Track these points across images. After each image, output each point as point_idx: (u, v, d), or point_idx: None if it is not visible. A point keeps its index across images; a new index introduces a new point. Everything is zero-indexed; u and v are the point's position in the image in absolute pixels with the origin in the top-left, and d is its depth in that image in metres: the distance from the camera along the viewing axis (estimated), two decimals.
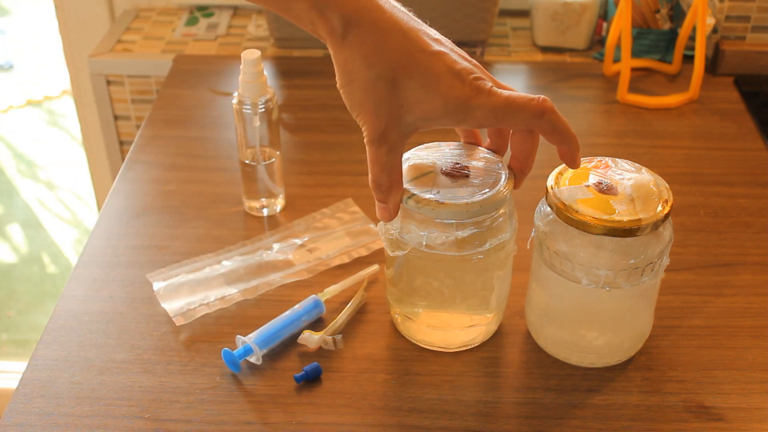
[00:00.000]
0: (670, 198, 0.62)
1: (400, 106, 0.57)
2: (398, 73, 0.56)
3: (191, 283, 0.77)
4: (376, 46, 0.56)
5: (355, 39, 0.56)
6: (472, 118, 0.57)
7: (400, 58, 0.56)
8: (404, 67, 0.56)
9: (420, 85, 0.56)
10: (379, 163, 0.59)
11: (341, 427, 0.64)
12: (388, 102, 0.57)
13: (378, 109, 0.57)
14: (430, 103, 0.56)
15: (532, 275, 0.70)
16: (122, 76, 1.23)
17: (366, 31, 0.55)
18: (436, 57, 0.56)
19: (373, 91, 0.56)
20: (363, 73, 0.56)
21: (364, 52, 0.56)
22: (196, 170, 0.95)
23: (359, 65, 0.56)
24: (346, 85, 0.57)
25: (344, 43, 0.56)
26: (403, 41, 0.56)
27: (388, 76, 0.56)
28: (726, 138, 1.00)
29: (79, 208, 2.30)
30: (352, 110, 0.59)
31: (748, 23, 1.13)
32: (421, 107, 0.57)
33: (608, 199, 0.61)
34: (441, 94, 0.56)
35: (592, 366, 0.69)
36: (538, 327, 0.70)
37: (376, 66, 0.56)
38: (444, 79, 0.56)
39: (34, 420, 0.65)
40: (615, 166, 0.64)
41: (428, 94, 0.56)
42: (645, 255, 0.62)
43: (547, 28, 1.17)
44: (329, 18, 0.55)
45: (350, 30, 0.55)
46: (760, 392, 0.67)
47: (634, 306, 0.66)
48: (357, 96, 0.57)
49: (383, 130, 0.57)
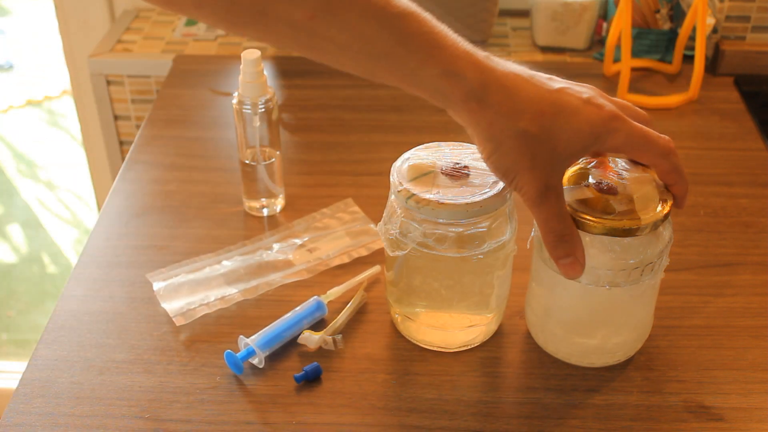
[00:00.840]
0: (669, 198, 0.62)
1: (552, 149, 0.56)
2: (541, 120, 0.55)
3: (191, 283, 0.77)
4: (514, 101, 0.55)
5: (493, 99, 0.54)
6: (612, 140, 0.57)
7: (538, 106, 0.55)
8: (544, 112, 0.55)
9: (564, 122, 0.55)
10: (556, 214, 0.58)
11: (341, 427, 0.64)
12: (542, 151, 0.55)
13: (534, 161, 0.56)
14: (579, 135, 0.56)
15: (532, 275, 0.70)
16: (122, 76, 1.23)
17: (499, 89, 0.54)
18: (563, 93, 0.56)
19: (526, 146, 0.55)
20: (510, 131, 0.55)
21: (505, 110, 0.55)
22: (196, 170, 0.95)
23: (504, 125, 0.55)
24: (496, 151, 0.56)
25: (483, 107, 0.55)
26: (532, 89, 0.55)
27: (534, 126, 0.55)
28: (726, 138, 1.00)
29: (79, 208, 2.30)
30: (507, 175, 0.57)
31: (748, 23, 1.13)
32: (572, 143, 0.56)
33: (608, 199, 0.61)
34: (587, 123, 0.56)
35: (592, 366, 0.69)
36: (538, 327, 0.70)
37: (521, 120, 0.55)
38: (582, 109, 0.56)
39: (34, 420, 0.65)
40: (615, 166, 0.64)
41: (575, 127, 0.56)
42: (645, 255, 0.62)
43: (547, 28, 1.17)
44: (463, 84, 0.54)
45: (487, 92, 0.54)
46: (760, 392, 0.67)
47: (634, 306, 0.66)
48: (511, 157, 0.56)
49: (546, 181, 0.56)
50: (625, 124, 0.57)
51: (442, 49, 0.54)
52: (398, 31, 0.53)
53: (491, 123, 0.55)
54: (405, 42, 0.53)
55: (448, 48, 0.54)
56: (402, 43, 0.53)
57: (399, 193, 0.63)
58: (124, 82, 1.24)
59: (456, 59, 0.54)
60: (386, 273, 0.71)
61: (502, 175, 0.58)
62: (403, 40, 0.53)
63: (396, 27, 0.53)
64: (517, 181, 0.57)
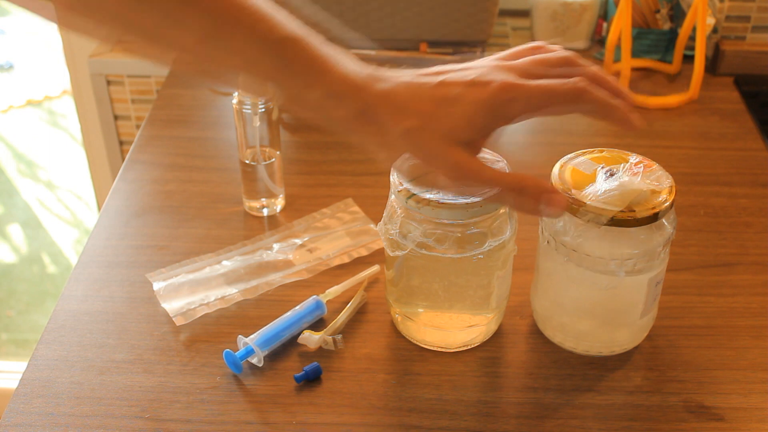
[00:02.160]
0: (673, 189, 0.62)
1: (445, 134, 0.56)
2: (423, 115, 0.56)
3: (191, 283, 0.77)
4: (393, 109, 0.56)
5: (374, 114, 0.56)
6: (512, 109, 0.56)
7: (417, 105, 0.56)
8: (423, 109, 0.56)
9: (446, 111, 0.56)
10: (491, 178, 0.56)
11: (341, 427, 0.64)
12: (433, 139, 0.56)
13: (431, 151, 0.56)
14: (466, 118, 0.56)
15: (538, 266, 0.70)
16: (122, 76, 1.23)
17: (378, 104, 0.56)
18: (444, 85, 0.56)
19: (416, 141, 0.56)
20: (397, 134, 0.56)
21: (386, 119, 0.56)
22: (196, 170, 0.95)
23: (389, 132, 0.56)
24: (392, 156, 0.58)
25: (365, 123, 0.56)
26: (411, 93, 0.56)
27: (417, 122, 0.55)
28: (726, 138, 1.00)
29: (79, 208, 2.30)
30: (429, 162, 0.57)
31: (748, 23, 1.13)
32: (462, 126, 0.56)
33: (615, 190, 0.61)
34: (473, 104, 0.55)
35: (600, 355, 0.69)
36: (545, 318, 0.71)
37: (403, 121, 0.55)
38: (465, 94, 0.56)
39: (34, 420, 0.65)
40: (630, 159, 0.65)
41: (459, 112, 0.55)
42: (649, 245, 0.62)
43: (547, 28, 1.17)
44: (344, 105, 0.56)
45: (366, 109, 0.56)
46: (760, 392, 0.67)
47: (639, 295, 0.66)
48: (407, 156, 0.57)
49: (454, 162, 0.56)
50: (519, 90, 0.56)
51: (324, 73, 0.55)
52: (281, 56, 0.55)
53: (377, 134, 0.57)
54: (288, 66, 0.55)
55: (328, 72, 0.56)
56: (285, 67, 0.55)
57: (399, 193, 0.63)
58: (124, 82, 1.24)
59: (336, 82, 0.56)
60: (386, 273, 0.71)
61: (411, 176, 0.59)
62: (286, 64, 0.55)
63: (279, 52, 0.55)
64: (426, 178, 0.58)
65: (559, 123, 1.03)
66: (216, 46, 0.54)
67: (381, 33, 1.16)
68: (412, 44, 1.18)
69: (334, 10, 1.14)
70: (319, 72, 0.55)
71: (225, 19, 0.53)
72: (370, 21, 1.15)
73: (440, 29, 1.16)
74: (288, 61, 0.55)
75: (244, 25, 0.54)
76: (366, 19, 1.15)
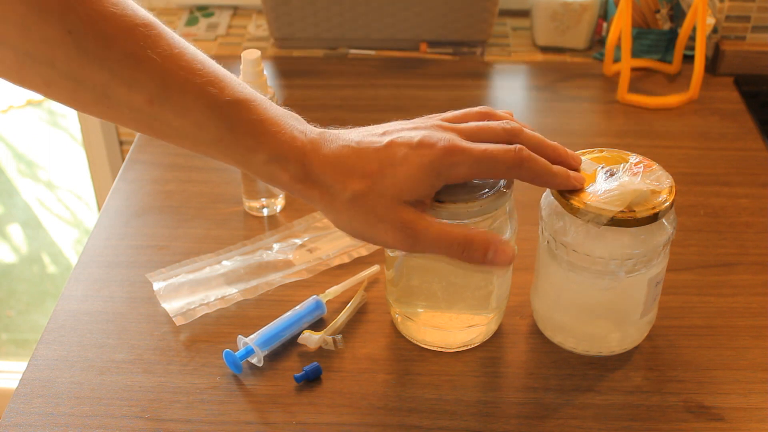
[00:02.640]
0: (673, 189, 0.62)
1: (391, 198, 0.56)
2: (369, 179, 0.56)
3: (191, 283, 0.77)
4: (338, 173, 0.57)
5: (318, 177, 0.57)
6: (455, 172, 0.57)
7: (363, 168, 0.56)
8: (369, 172, 0.56)
9: (392, 173, 0.56)
10: (437, 236, 0.57)
11: (341, 427, 0.64)
12: (380, 204, 0.56)
13: (376, 215, 0.57)
14: (412, 180, 0.56)
15: (538, 267, 0.70)
16: None
17: (322, 168, 0.57)
18: (390, 147, 0.57)
19: (362, 206, 0.57)
20: (343, 199, 0.57)
21: (331, 183, 0.57)
22: (196, 170, 0.95)
23: (335, 196, 0.57)
24: (339, 219, 0.58)
25: (310, 186, 0.57)
26: (357, 156, 0.57)
27: (362, 185, 0.56)
28: (726, 138, 1.00)
29: (79, 208, 2.30)
30: (362, 237, 0.58)
31: (748, 23, 1.13)
32: (408, 188, 0.56)
33: (614, 190, 0.61)
34: (418, 167, 0.56)
35: (600, 355, 0.69)
36: (545, 318, 0.71)
37: (349, 186, 0.56)
38: (411, 156, 0.56)
39: (34, 420, 0.65)
40: (630, 159, 0.65)
41: (405, 174, 0.56)
42: (650, 245, 0.62)
43: (547, 28, 1.17)
44: (288, 168, 0.56)
45: (310, 173, 0.57)
46: (760, 392, 0.67)
47: (639, 295, 0.66)
48: (356, 220, 0.57)
49: (402, 222, 0.56)
50: (464, 155, 0.57)
51: (268, 136, 0.56)
52: (228, 119, 0.55)
53: (323, 197, 0.57)
54: (233, 129, 0.56)
55: (273, 135, 0.56)
56: (231, 130, 0.56)
57: None
58: None
59: (280, 145, 0.56)
60: (386, 273, 0.71)
61: (358, 238, 0.59)
62: (231, 127, 0.56)
63: (226, 114, 0.55)
64: (372, 238, 0.58)
65: (559, 123, 1.03)
66: (165, 107, 0.54)
67: (381, 33, 1.16)
68: (412, 44, 1.18)
69: (334, 10, 1.14)
70: (265, 134, 0.56)
71: (174, 81, 0.54)
72: (370, 21, 1.15)
73: (440, 29, 1.16)
74: (234, 124, 0.56)
75: (193, 87, 0.54)
76: (366, 19, 1.15)
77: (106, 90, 0.53)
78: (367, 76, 1.12)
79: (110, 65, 0.52)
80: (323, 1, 1.14)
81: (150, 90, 0.54)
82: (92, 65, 0.52)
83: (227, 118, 0.55)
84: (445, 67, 1.15)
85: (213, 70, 0.56)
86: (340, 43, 1.19)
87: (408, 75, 1.13)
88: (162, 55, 0.53)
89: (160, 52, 0.53)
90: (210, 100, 0.55)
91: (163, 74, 0.54)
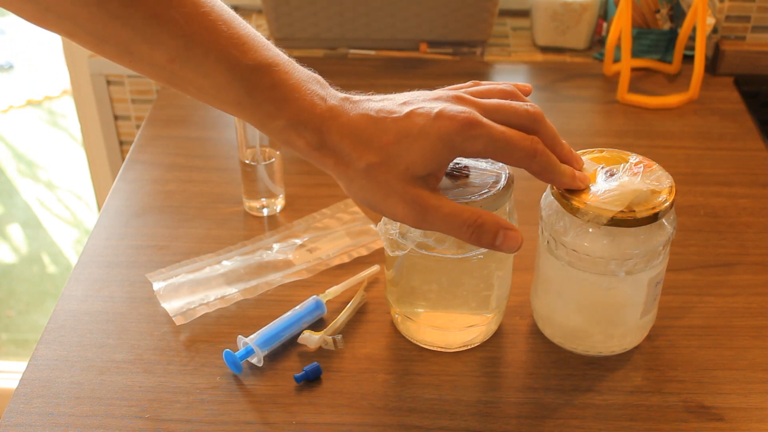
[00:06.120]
0: (673, 189, 0.62)
1: (403, 171, 0.56)
2: (385, 150, 0.56)
3: (191, 283, 0.77)
4: (356, 142, 0.56)
5: (334, 145, 0.56)
6: (471, 146, 0.56)
7: (380, 139, 0.56)
8: (386, 143, 0.56)
9: (409, 145, 0.56)
10: (447, 215, 0.56)
11: (341, 427, 0.64)
12: (393, 177, 0.56)
13: (389, 188, 0.56)
14: (427, 152, 0.56)
15: (538, 267, 0.70)
16: (122, 76, 1.23)
17: (340, 135, 0.56)
18: (409, 117, 0.56)
19: (376, 177, 0.56)
20: (357, 168, 0.56)
21: (348, 152, 0.56)
22: (196, 170, 0.95)
23: (350, 164, 0.56)
24: (350, 187, 0.57)
25: (326, 153, 0.57)
26: (375, 125, 0.56)
27: (377, 157, 0.56)
28: (726, 138, 1.00)
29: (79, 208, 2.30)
30: (371, 206, 0.58)
31: (748, 23, 1.13)
32: (422, 161, 0.56)
33: (612, 189, 0.61)
34: (437, 138, 0.55)
35: (600, 355, 0.69)
36: (545, 318, 0.71)
37: (364, 156, 0.56)
38: (430, 127, 0.56)
39: (34, 420, 0.65)
40: (631, 159, 0.65)
41: (420, 146, 0.56)
42: (649, 245, 0.62)
43: (547, 28, 1.17)
44: (305, 135, 0.56)
45: (327, 140, 0.56)
46: (760, 392, 0.67)
47: (639, 295, 0.66)
48: (366, 190, 0.57)
49: (412, 198, 0.56)
50: (484, 130, 0.56)
51: (288, 102, 0.56)
52: (248, 84, 0.55)
53: (338, 165, 0.57)
54: (253, 94, 0.56)
55: (293, 101, 0.56)
56: (250, 95, 0.56)
57: None
58: (124, 82, 1.24)
59: (299, 112, 0.56)
60: (386, 273, 0.71)
61: (367, 207, 0.59)
62: (251, 92, 0.56)
63: (247, 79, 0.55)
64: (382, 209, 0.58)
65: (559, 123, 1.03)
66: (186, 67, 0.54)
67: (381, 33, 1.16)
68: (412, 44, 1.18)
69: (334, 10, 1.14)
70: (284, 100, 0.56)
71: (197, 42, 0.54)
72: (370, 21, 1.15)
73: (440, 29, 1.16)
74: (254, 89, 0.55)
75: (216, 49, 0.54)
76: (366, 19, 1.15)
77: (129, 47, 0.53)
78: (367, 76, 1.12)
79: (133, 23, 0.52)
80: (323, 1, 1.14)
81: (171, 50, 0.53)
82: (114, 23, 0.52)
83: (248, 83, 0.55)
84: (445, 67, 1.15)
85: (237, 31, 0.55)
86: (340, 43, 1.19)
87: (408, 75, 1.13)
88: (186, 14, 0.53)
89: (184, 12, 0.53)
90: (232, 63, 0.54)
91: (185, 35, 0.53)
